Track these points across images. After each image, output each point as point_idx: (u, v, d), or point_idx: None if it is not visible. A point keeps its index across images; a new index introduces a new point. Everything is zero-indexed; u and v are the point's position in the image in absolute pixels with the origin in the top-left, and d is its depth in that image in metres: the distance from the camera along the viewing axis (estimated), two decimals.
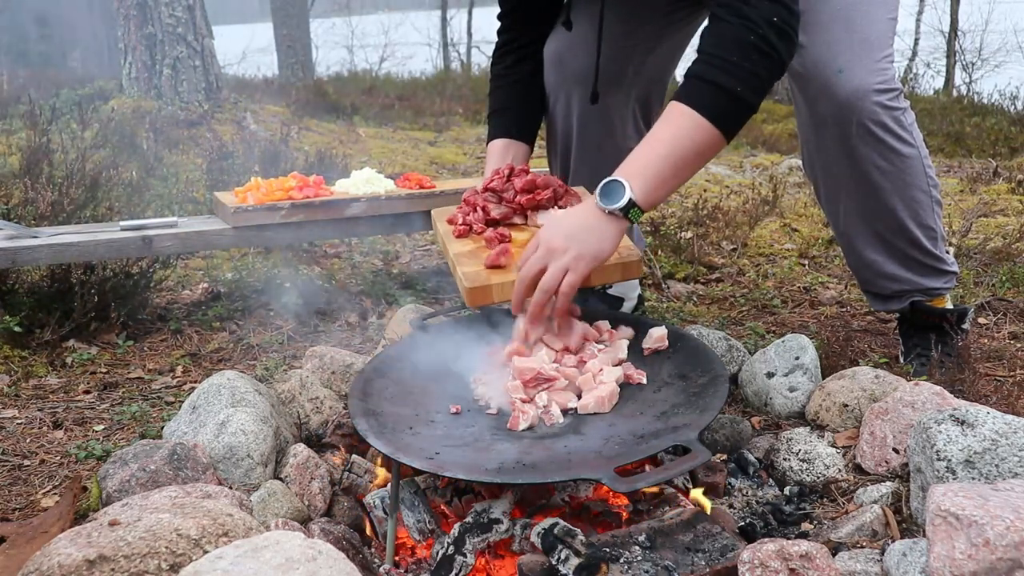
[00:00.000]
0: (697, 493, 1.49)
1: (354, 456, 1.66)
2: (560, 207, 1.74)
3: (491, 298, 1.56)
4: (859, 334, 2.32)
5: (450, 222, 1.77)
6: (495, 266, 1.59)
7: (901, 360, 2.04)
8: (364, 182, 2.70)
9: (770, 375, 1.82)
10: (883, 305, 2.03)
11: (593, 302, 2.23)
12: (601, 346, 1.62)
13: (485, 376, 1.59)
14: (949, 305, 2.02)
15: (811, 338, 1.88)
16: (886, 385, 1.68)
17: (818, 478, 1.56)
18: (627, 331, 1.67)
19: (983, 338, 2.26)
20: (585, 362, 1.57)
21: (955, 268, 1.99)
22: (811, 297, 2.72)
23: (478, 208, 1.73)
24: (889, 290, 1.97)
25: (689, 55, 1.69)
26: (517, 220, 1.74)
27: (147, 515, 1.20)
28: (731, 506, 1.55)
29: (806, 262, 3.10)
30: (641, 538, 1.28)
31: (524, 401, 1.49)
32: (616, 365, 1.57)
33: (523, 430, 1.44)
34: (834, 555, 1.28)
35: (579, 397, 1.52)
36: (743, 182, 4.49)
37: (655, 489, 1.47)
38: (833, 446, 1.61)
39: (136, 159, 4.34)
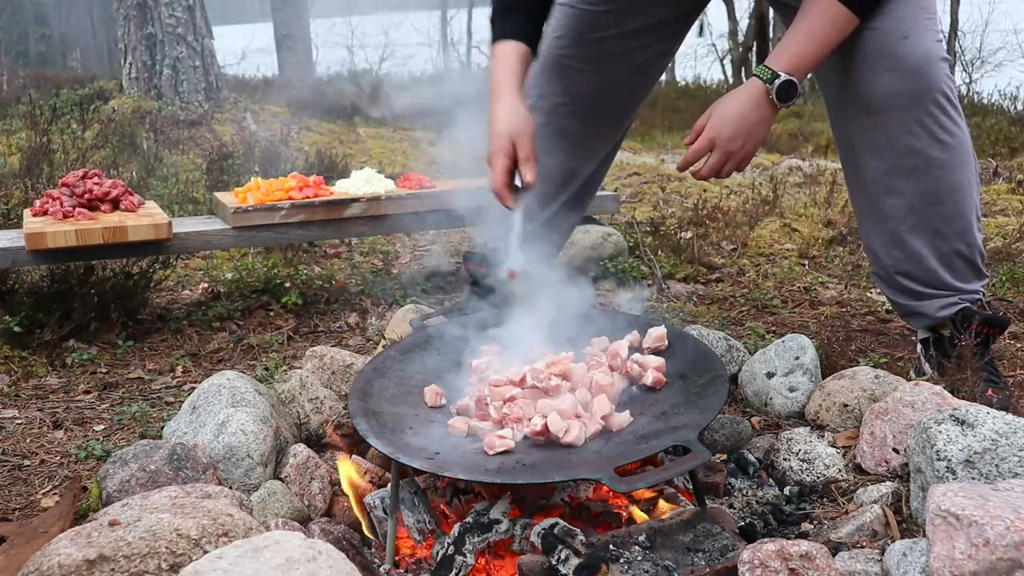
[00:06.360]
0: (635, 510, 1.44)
1: (354, 456, 1.66)
2: (121, 202, 2.48)
3: (46, 243, 2.21)
4: (859, 334, 2.32)
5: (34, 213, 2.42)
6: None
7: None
8: (364, 182, 2.70)
9: (770, 375, 1.82)
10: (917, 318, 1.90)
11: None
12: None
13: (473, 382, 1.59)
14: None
15: (811, 338, 1.88)
16: (886, 385, 1.68)
17: (818, 478, 1.56)
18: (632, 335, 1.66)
19: None
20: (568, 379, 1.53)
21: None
22: (811, 297, 2.72)
23: (53, 199, 2.42)
24: (929, 296, 1.85)
25: None
26: (85, 210, 2.39)
27: (147, 515, 1.20)
28: (731, 506, 1.55)
29: (806, 262, 3.10)
30: (641, 538, 1.28)
31: (497, 423, 1.45)
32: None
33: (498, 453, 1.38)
34: (834, 555, 1.28)
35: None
36: (743, 182, 4.49)
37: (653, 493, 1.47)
38: (833, 446, 1.61)
39: (136, 159, 4.34)
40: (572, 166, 2.11)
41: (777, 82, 1.60)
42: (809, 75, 1.72)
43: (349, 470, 1.56)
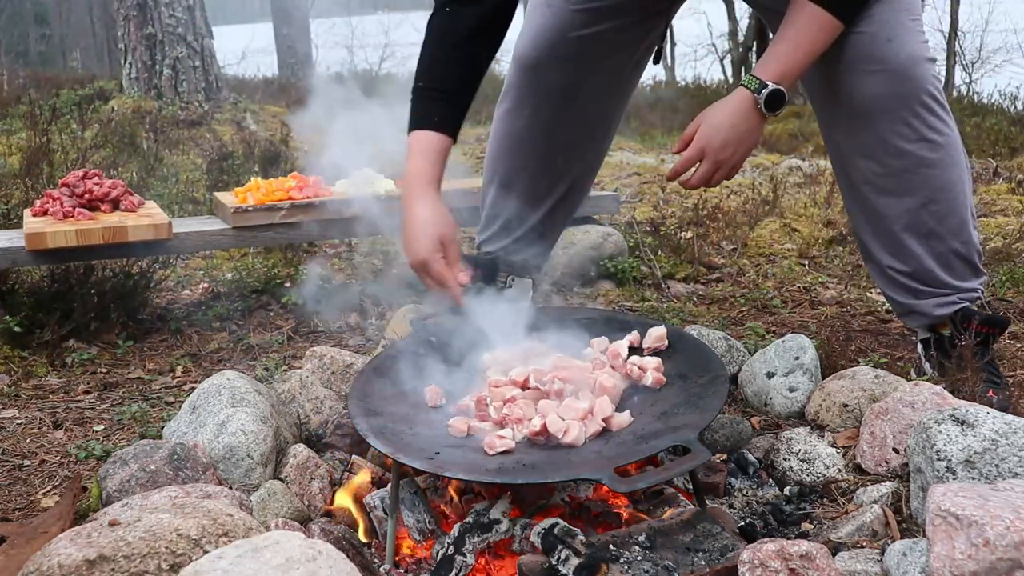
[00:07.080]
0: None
1: (354, 456, 1.66)
2: (121, 202, 2.50)
3: (46, 243, 2.23)
4: (859, 334, 2.32)
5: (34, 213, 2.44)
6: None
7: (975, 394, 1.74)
8: (364, 182, 2.70)
9: (770, 375, 1.82)
10: (916, 317, 1.90)
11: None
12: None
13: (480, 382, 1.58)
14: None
15: (811, 338, 1.88)
16: (886, 385, 1.68)
17: (818, 478, 1.56)
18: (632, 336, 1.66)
19: None
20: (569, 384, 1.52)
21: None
22: (811, 297, 2.72)
23: (53, 199, 2.43)
24: (931, 295, 1.85)
25: None
26: (85, 210, 2.42)
27: (147, 515, 1.20)
28: (731, 506, 1.55)
29: (806, 262, 3.10)
30: (641, 538, 1.28)
31: (497, 423, 1.45)
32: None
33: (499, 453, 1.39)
34: (834, 555, 1.28)
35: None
36: (743, 182, 4.48)
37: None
38: (833, 446, 1.61)
39: (136, 159, 4.34)
40: (558, 167, 2.09)
41: (765, 92, 1.60)
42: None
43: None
